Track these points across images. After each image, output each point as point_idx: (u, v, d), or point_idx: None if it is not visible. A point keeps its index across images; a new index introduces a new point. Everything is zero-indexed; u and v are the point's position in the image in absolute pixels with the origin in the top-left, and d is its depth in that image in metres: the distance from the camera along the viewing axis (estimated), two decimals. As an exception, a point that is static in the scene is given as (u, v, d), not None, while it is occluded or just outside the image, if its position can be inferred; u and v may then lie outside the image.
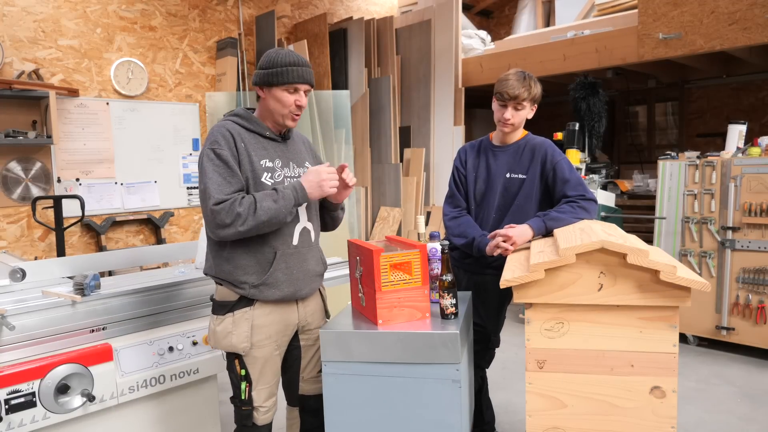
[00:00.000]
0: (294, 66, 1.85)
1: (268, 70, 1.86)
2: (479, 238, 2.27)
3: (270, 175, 1.88)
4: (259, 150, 1.89)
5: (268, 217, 1.77)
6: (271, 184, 1.87)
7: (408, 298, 1.84)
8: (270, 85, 1.86)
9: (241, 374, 1.92)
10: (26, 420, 1.91)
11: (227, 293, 1.91)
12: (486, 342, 2.41)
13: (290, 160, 1.97)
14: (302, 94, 1.89)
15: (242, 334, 1.88)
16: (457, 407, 1.73)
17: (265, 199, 1.78)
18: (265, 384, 1.95)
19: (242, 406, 1.94)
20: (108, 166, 4.56)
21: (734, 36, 3.99)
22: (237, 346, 1.89)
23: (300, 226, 1.95)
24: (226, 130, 1.85)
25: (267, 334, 1.92)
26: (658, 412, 1.70)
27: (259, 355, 1.91)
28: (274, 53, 1.88)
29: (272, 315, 1.92)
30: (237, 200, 1.76)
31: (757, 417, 3.02)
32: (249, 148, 1.87)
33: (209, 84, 5.16)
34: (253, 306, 1.90)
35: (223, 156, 1.81)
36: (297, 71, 1.85)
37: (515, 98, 2.22)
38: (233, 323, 1.89)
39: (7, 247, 4.06)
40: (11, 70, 4.04)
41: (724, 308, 3.92)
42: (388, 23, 5.76)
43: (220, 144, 1.82)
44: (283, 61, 1.85)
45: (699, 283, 1.60)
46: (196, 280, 2.45)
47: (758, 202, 3.73)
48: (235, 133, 1.86)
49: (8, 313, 1.93)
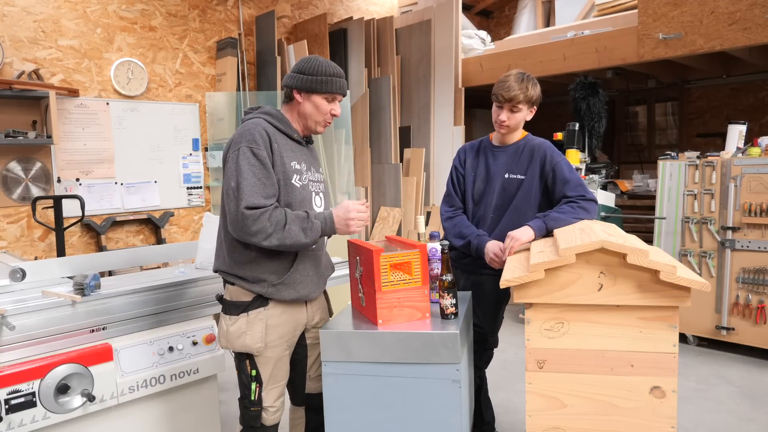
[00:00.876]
0: (338, 77, 1.91)
1: (312, 77, 1.88)
2: (475, 240, 2.27)
3: (298, 177, 1.91)
4: (289, 152, 1.92)
5: (292, 242, 1.78)
6: (299, 186, 1.90)
7: (408, 298, 1.84)
8: (311, 92, 1.90)
9: (252, 375, 1.91)
10: (26, 420, 1.91)
11: (240, 293, 1.90)
12: (483, 342, 2.41)
13: (311, 165, 2.01)
14: (337, 104, 1.95)
15: (257, 334, 1.88)
16: (457, 407, 1.73)
17: (295, 223, 1.78)
18: (275, 384, 1.96)
19: (251, 407, 1.94)
20: (108, 166, 4.56)
21: (734, 36, 4.00)
22: (251, 346, 1.88)
23: None
24: (263, 129, 1.85)
25: (280, 334, 1.93)
26: (658, 412, 1.70)
27: (271, 355, 1.92)
28: (315, 60, 1.91)
29: (284, 315, 1.93)
30: (268, 213, 1.75)
31: (757, 417, 3.03)
32: (282, 149, 1.89)
33: (209, 84, 5.16)
34: (268, 306, 1.90)
35: (260, 156, 1.80)
36: (340, 82, 1.92)
37: (511, 100, 2.22)
38: (248, 323, 1.88)
39: (7, 247, 4.06)
40: (11, 70, 4.04)
41: (724, 308, 3.92)
42: (388, 23, 5.76)
43: (258, 143, 1.81)
44: (327, 70, 1.89)
45: (699, 283, 1.60)
46: (196, 280, 2.45)
47: (758, 202, 3.73)
48: (270, 133, 1.87)
49: (8, 313, 1.93)
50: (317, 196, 1.99)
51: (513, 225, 2.22)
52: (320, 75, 1.88)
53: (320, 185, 2.04)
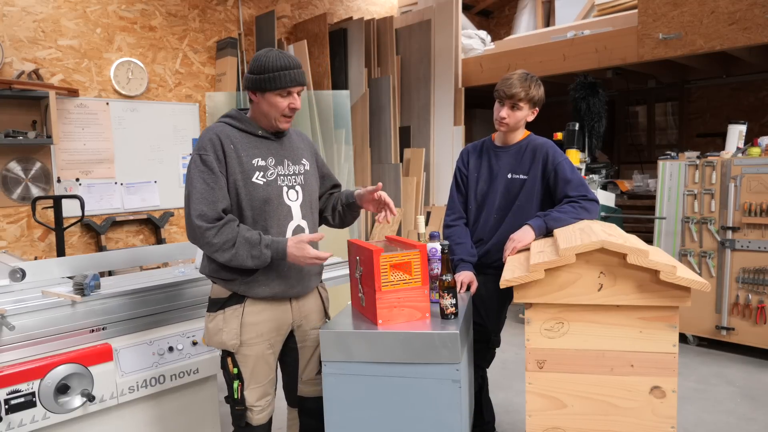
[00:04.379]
0: (285, 70, 1.81)
1: (260, 76, 1.83)
2: (457, 261, 2.29)
3: (262, 174, 1.88)
4: (251, 149, 1.89)
5: (238, 264, 1.79)
6: (262, 183, 1.86)
7: (408, 298, 1.84)
8: (263, 90, 1.84)
9: (234, 372, 1.91)
10: (26, 420, 1.91)
11: (220, 290, 1.92)
12: (486, 342, 2.41)
13: (284, 158, 1.96)
14: (295, 96, 1.87)
15: (232, 331, 1.88)
16: (456, 407, 1.73)
17: (243, 247, 1.77)
18: (257, 383, 1.93)
19: (236, 406, 1.94)
20: (108, 166, 4.56)
21: (734, 36, 3.99)
22: (226, 343, 1.88)
23: (293, 224, 1.93)
24: (214, 134, 1.85)
25: (258, 332, 1.90)
26: (657, 412, 1.70)
27: (249, 353, 1.90)
28: (263, 56, 1.84)
29: (264, 313, 1.91)
30: (216, 229, 1.77)
31: (757, 417, 3.02)
32: (239, 149, 1.86)
33: (209, 84, 5.16)
34: (244, 303, 1.89)
35: (207, 161, 1.81)
36: (289, 75, 1.82)
37: (512, 97, 2.22)
38: (224, 320, 1.89)
39: (7, 247, 4.06)
40: (11, 70, 4.04)
41: (724, 308, 3.92)
42: (388, 23, 5.76)
43: (206, 149, 1.82)
44: (273, 65, 1.81)
45: (699, 283, 1.60)
46: (196, 280, 2.45)
47: (758, 202, 3.73)
48: (223, 136, 1.85)
49: (8, 313, 1.94)
50: (291, 189, 1.93)
51: (516, 225, 2.22)
52: (267, 72, 1.81)
53: (297, 177, 1.96)
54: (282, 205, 1.90)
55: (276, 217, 1.89)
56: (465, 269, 2.27)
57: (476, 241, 2.38)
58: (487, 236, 2.36)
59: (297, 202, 1.94)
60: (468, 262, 2.30)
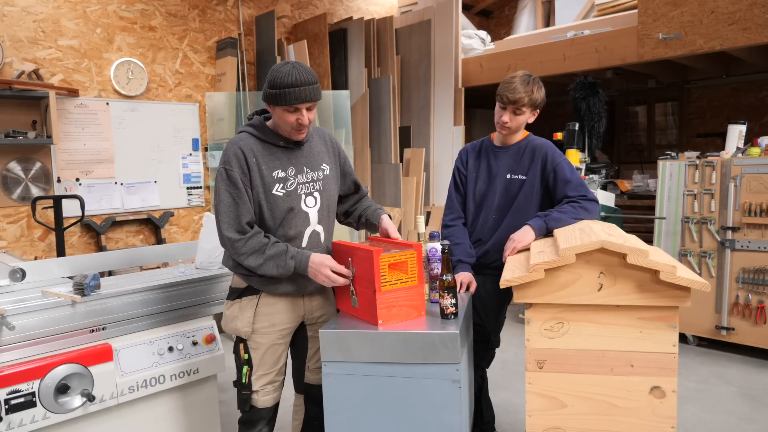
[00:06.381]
0: (293, 87, 1.82)
1: (271, 91, 1.87)
2: (455, 262, 2.29)
3: (282, 185, 1.95)
4: (272, 161, 1.96)
5: (263, 272, 1.91)
6: (282, 194, 1.94)
7: (405, 297, 1.85)
8: (274, 104, 1.89)
9: (244, 358, 2.02)
10: (26, 420, 1.91)
11: (238, 281, 2.04)
12: (486, 342, 2.42)
13: (304, 165, 2.02)
14: (303, 112, 1.89)
15: (245, 319, 2.00)
16: (456, 407, 1.73)
17: (272, 260, 1.88)
18: (264, 371, 2.03)
19: (242, 390, 2.04)
20: (108, 166, 4.55)
21: (734, 36, 3.99)
22: (240, 329, 2.01)
23: (310, 229, 2.02)
24: (238, 148, 1.92)
25: (270, 323, 2.01)
26: (657, 412, 1.70)
27: (261, 341, 2.02)
28: (277, 70, 1.85)
29: (277, 305, 2.02)
30: (244, 240, 1.88)
31: (757, 417, 3.02)
32: (261, 162, 1.93)
33: (209, 84, 5.16)
34: (259, 295, 2.01)
35: (232, 177, 1.90)
36: (296, 92, 1.83)
37: (515, 102, 2.22)
38: (239, 309, 2.02)
39: (7, 247, 4.06)
40: (11, 70, 4.04)
41: (724, 308, 3.92)
42: (388, 23, 5.75)
43: (232, 164, 1.91)
44: (283, 81, 1.83)
45: (699, 283, 1.60)
46: (196, 280, 2.45)
47: (758, 202, 3.73)
48: (246, 150, 1.92)
49: (8, 313, 1.93)
50: (309, 196, 2.01)
51: (515, 226, 2.22)
52: (277, 88, 1.84)
53: (316, 184, 2.03)
54: (300, 212, 1.99)
55: (294, 223, 1.98)
56: (463, 270, 2.27)
57: (475, 241, 2.38)
58: (485, 236, 2.36)
59: (315, 208, 2.02)
60: (466, 263, 2.30)
